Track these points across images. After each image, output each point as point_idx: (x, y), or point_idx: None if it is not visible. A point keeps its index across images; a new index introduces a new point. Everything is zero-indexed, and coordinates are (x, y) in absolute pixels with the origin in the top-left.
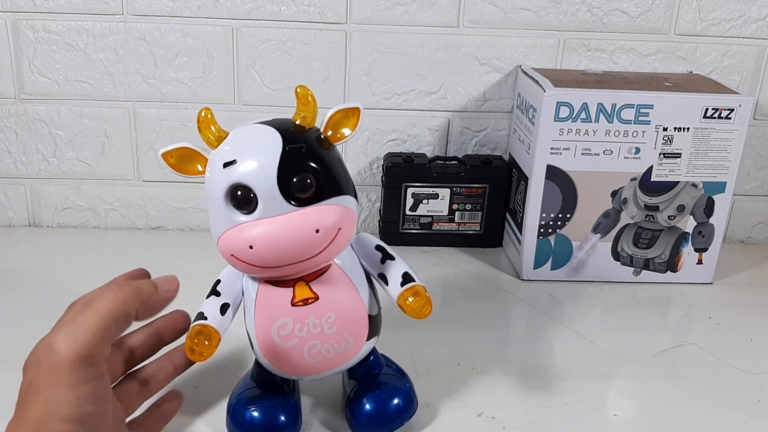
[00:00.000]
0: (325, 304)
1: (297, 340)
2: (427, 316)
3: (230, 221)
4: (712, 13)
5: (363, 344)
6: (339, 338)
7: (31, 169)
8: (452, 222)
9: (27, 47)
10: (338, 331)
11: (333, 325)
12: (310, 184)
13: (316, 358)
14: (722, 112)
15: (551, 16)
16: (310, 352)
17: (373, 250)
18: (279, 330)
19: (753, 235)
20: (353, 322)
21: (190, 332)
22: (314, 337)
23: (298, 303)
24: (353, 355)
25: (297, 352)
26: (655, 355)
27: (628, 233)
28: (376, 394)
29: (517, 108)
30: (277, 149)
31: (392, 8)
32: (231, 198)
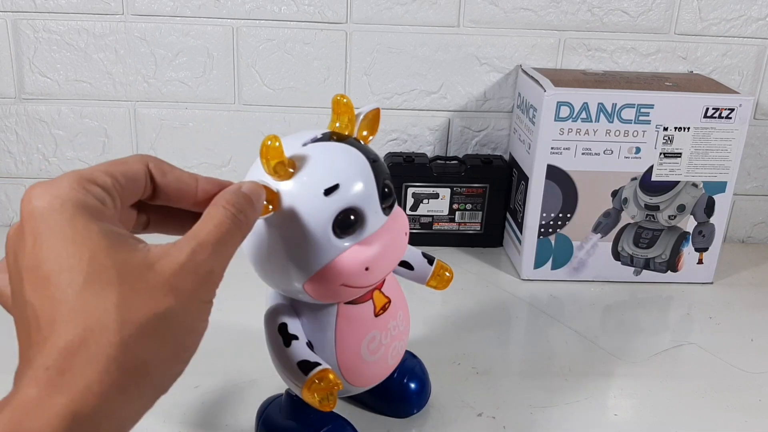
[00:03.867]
0: (396, 303)
1: (384, 349)
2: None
3: (335, 249)
4: (712, 13)
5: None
6: (407, 331)
7: (31, 168)
8: (453, 222)
9: (27, 47)
10: (406, 325)
11: (403, 320)
12: (392, 191)
13: (395, 358)
14: (723, 112)
15: (551, 16)
16: (392, 355)
17: None
18: (369, 345)
19: (753, 234)
20: (407, 311)
21: (323, 383)
22: (395, 338)
23: (379, 312)
24: (406, 343)
25: (383, 360)
26: (656, 355)
27: (629, 233)
28: (412, 374)
29: (517, 108)
30: (367, 164)
31: (392, 8)
32: (341, 224)
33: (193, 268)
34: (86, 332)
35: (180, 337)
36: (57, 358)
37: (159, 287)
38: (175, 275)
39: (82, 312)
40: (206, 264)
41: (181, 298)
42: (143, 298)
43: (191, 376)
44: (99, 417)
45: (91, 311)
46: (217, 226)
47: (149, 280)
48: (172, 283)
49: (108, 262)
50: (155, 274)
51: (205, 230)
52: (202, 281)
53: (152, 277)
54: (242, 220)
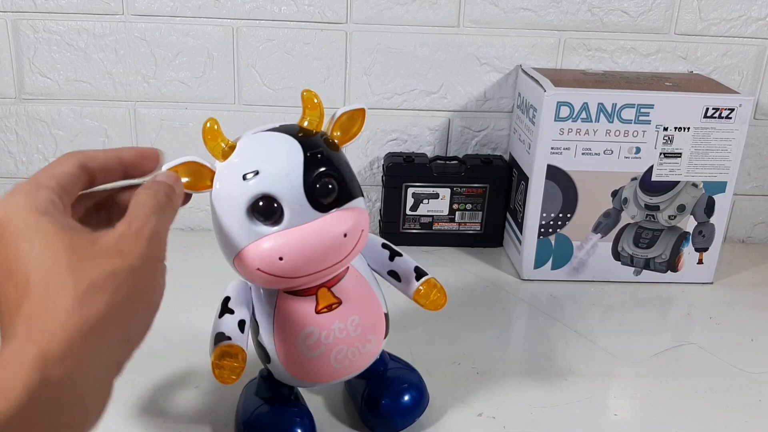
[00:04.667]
0: (349, 307)
1: (324, 348)
2: (443, 307)
3: (253, 234)
4: (712, 13)
5: (382, 343)
6: (363, 339)
7: (31, 169)
8: (452, 222)
9: (27, 47)
10: (362, 333)
11: (358, 327)
12: (333, 188)
13: (342, 362)
14: (723, 112)
15: (551, 16)
16: (336, 358)
17: (380, 248)
18: (305, 340)
19: (753, 234)
20: (374, 321)
21: (215, 354)
22: (341, 341)
23: (322, 310)
24: (374, 354)
25: (324, 359)
26: (656, 355)
27: (629, 233)
28: (393, 390)
29: (517, 108)
30: (299, 156)
31: (392, 8)
32: (255, 210)
33: (134, 233)
34: (47, 292)
35: (134, 291)
36: (26, 317)
37: (105, 252)
38: (118, 241)
39: (42, 278)
40: (145, 228)
41: (128, 258)
42: (92, 262)
43: (191, 376)
44: (68, 364)
45: (49, 276)
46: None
47: (95, 249)
48: (117, 247)
49: (58, 242)
50: (100, 244)
51: (135, 207)
52: (146, 242)
53: (98, 247)
54: (163, 197)
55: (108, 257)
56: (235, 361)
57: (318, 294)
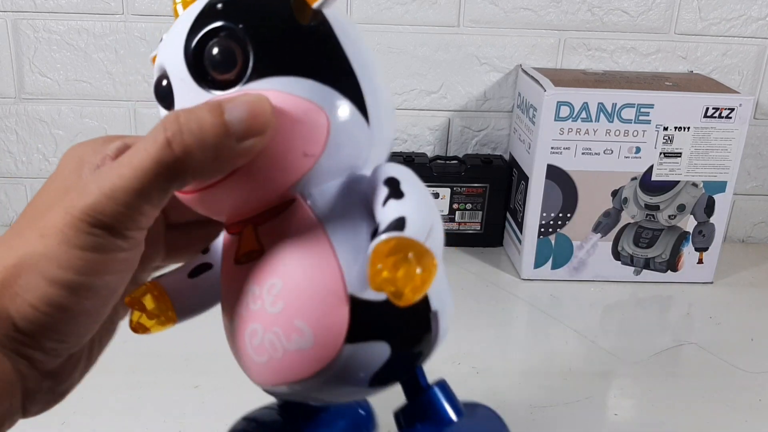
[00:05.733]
0: (270, 261)
1: (237, 320)
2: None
3: None
4: (712, 13)
5: (337, 348)
6: (286, 325)
7: (31, 168)
8: (452, 221)
9: (27, 47)
10: (284, 311)
11: (278, 298)
12: (231, 54)
13: (260, 354)
14: (723, 112)
15: (552, 16)
16: (252, 342)
17: (381, 186)
18: (225, 297)
19: (753, 234)
20: (312, 300)
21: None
22: (253, 316)
23: (241, 258)
24: (318, 363)
25: (240, 339)
26: (656, 355)
27: (629, 233)
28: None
29: (517, 107)
30: (197, 9)
31: (392, 8)
32: (155, 93)
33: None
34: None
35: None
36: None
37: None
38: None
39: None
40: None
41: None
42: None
43: (191, 376)
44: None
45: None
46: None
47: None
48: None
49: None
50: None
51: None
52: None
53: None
54: (169, 156)
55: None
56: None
57: (242, 232)
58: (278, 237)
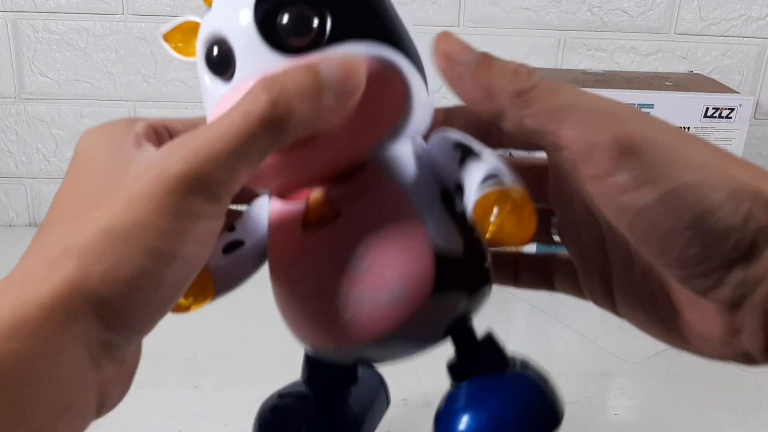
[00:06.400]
0: (352, 223)
1: (313, 285)
2: (528, 235)
3: (215, 95)
4: (712, 13)
5: (423, 299)
6: (375, 281)
7: (31, 168)
8: None
9: (27, 47)
10: (373, 269)
11: (366, 258)
12: (309, 20)
13: (344, 313)
14: (723, 112)
15: (551, 16)
16: (334, 303)
17: (451, 150)
18: (291, 270)
19: None
20: (400, 254)
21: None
22: (337, 278)
23: (311, 224)
24: (404, 315)
25: (316, 304)
26: (656, 355)
27: None
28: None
29: None
30: None
31: None
32: (208, 60)
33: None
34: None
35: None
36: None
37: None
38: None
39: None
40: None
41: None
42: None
43: (191, 376)
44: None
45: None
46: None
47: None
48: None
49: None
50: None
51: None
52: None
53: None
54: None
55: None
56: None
57: (309, 199)
58: (354, 200)
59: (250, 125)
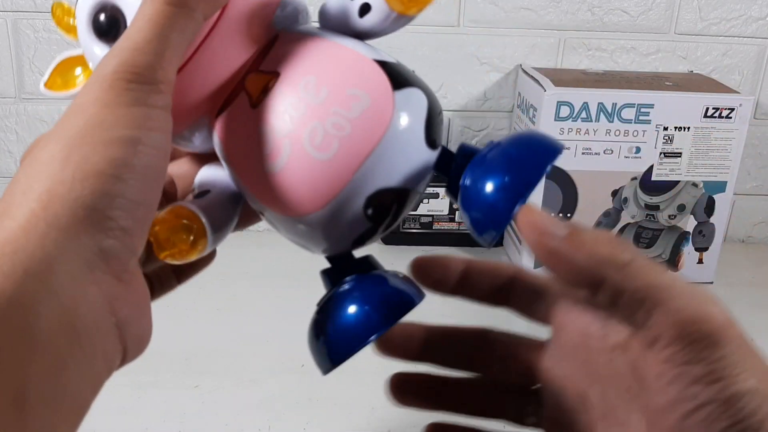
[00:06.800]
0: (292, 72)
1: (287, 141)
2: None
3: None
4: (712, 13)
5: (389, 95)
6: (339, 98)
7: None
8: (453, 221)
9: (27, 47)
10: (332, 91)
11: (318, 86)
12: None
13: (327, 147)
14: (723, 112)
15: (552, 16)
16: (314, 144)
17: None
18: (261, 148)
19: (754, 234)
20: (348, 69)
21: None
22: (304, 119)
23: (258, 99)
24: (384, 116)
25: (299, 158)
26: None
27: (629, 233)
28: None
29: (517, 107)
30: None
31: None
32: (95, 27)
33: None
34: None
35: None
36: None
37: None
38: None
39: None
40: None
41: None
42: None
43: (191, 376)
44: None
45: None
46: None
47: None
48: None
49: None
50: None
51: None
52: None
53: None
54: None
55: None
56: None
57: (245, 85)
58: (286, 58)
59: (163, 10)
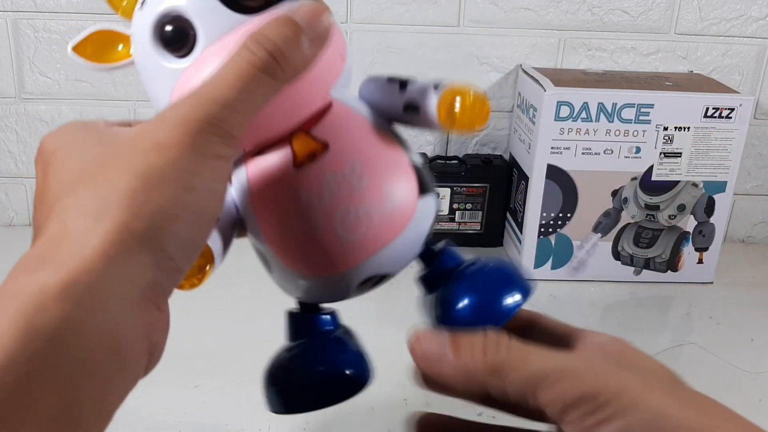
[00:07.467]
0: (342, 150)
1: (319, 212)
2: (486, 118)
3: (170, 75)
4: (712, 13)
5: (415, 201)
6: (377, 193)
7: (31, 168)
8: (453, 221)
9: (27, 47)
10: (372, 183)
11: (363, 174)
12: None
13: (355, 230)
14: (723, 112)
15: (552, 16)
16: (343, 224)
17: (386, 84)
18: (290, 205)
19: (753, 234)
20: (389, 166)
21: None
22: (342, 199)
23: (303, 162)
24: (406, 218)
25: (325, 230)
26: (656, 355)
27: (629, 233)
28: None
29: (517, 107)
30: None
31: (393, 7)
32: (162, 38)
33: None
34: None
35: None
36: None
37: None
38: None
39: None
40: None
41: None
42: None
43: (191, 376)
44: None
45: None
46: (236, 72)
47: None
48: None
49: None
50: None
51: (218, 79)
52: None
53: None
54: (271, 63)
55: (143, 153)
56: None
57: (292, 142)
58: (337, 131)
59: (253, 74)
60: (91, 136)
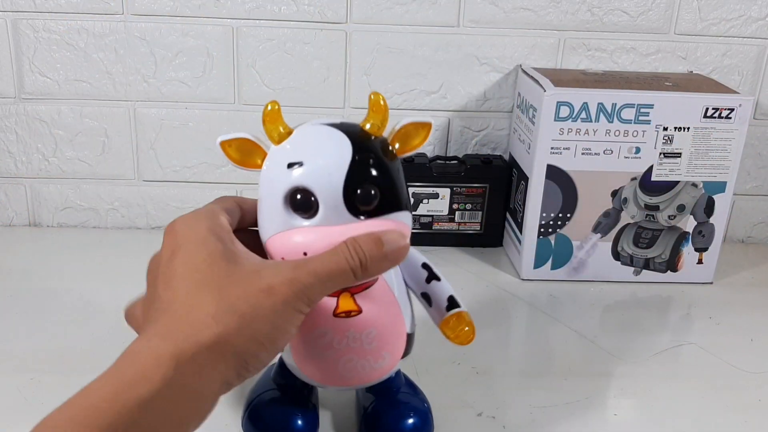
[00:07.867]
0: (368, 318)
1: (333, 352)
2: (470, 342)
3: (285, 223)
4: (712, 13)
5: (398, 362)
6: (376, 354)
7: (31, 168)
8: (452, 222)
9: (27, 47)
10: (377, 347)
11: (373, 340)
12: (375, 196)
13: (350, 372)
14: (722, 112)
15: (551, 16)
16: (345, 366)
17: (419, 267)
18: (317, 339)
19: (753, 234)
20: (393, 339)
21: None
22: (352, 351)
23: (340, 314)
24: (386, 371)
25: (332, 362)
26: (656, 355)
27: (629, 233)
28: (395, 412)
29: (517, 108)
30: (346, 157)
31: (392, 8)
32: (291, 200)
33: (294, 277)
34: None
35: (266, 329)
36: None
37: (257, 284)
38: (276, 282)
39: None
40: (309, 280)
41: (275, 298)
42: (240, 288)
43: None
44: (194, 368)
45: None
46: (335, 264)
47: (249, 276)
48: (270, 283)
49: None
50: (259, 278)
51: (321, 262)
52: (299, 292)
53: (253, 276)
54: (357, 269)
55: (258, 290)
56: None
57: (340, 297)
58: (370, 302)
59: (343, 272)
60: (218, 247)
